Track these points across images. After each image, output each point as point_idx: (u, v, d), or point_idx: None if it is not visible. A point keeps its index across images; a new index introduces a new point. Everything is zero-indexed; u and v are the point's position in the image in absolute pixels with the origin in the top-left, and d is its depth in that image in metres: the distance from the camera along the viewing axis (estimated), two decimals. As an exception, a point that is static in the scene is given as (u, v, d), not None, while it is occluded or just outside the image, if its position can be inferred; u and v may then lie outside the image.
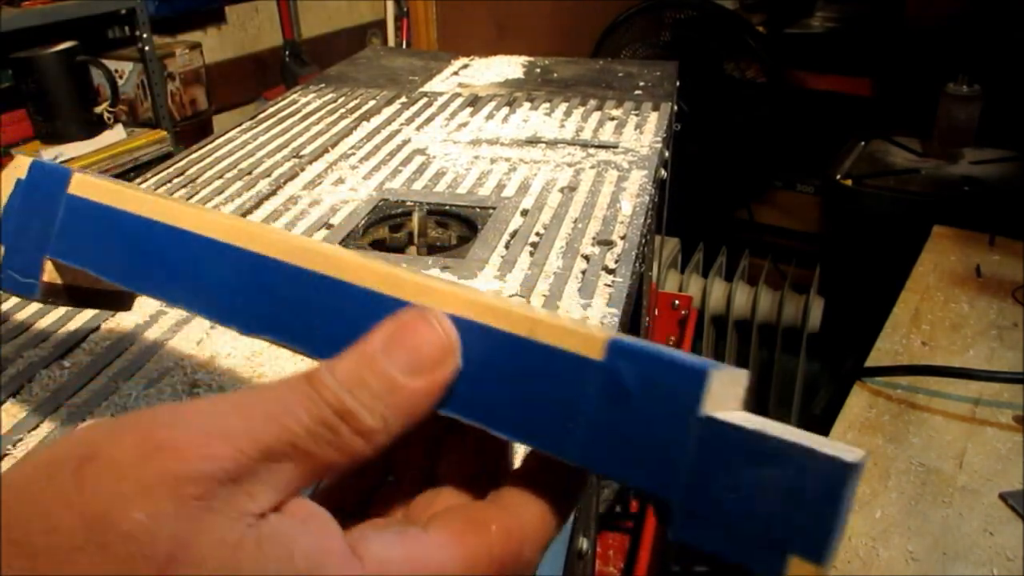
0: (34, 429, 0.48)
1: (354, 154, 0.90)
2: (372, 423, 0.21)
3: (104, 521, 0.18)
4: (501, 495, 0.23)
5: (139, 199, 0.31)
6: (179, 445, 0.19)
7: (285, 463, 0.20)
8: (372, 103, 1.07)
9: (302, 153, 0.91)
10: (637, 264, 0.67)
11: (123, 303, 0.38)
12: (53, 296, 0.34)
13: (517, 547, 0.22)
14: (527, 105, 1.05)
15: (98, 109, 1.76)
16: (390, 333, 0.23)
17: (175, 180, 0.85)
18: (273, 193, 0.81)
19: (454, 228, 0.77)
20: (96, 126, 1.73)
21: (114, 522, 0.18)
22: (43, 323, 0.59)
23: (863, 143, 2.01)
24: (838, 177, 1.87)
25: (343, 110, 1.05)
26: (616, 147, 0.90)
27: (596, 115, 1.01)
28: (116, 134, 1.75)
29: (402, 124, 0.99)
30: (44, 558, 0.18)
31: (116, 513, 0.18)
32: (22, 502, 0.19)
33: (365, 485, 0.27)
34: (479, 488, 0.25)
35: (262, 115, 1.04)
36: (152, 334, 0.58)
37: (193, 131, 2.05)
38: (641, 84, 1.14)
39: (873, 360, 1.04)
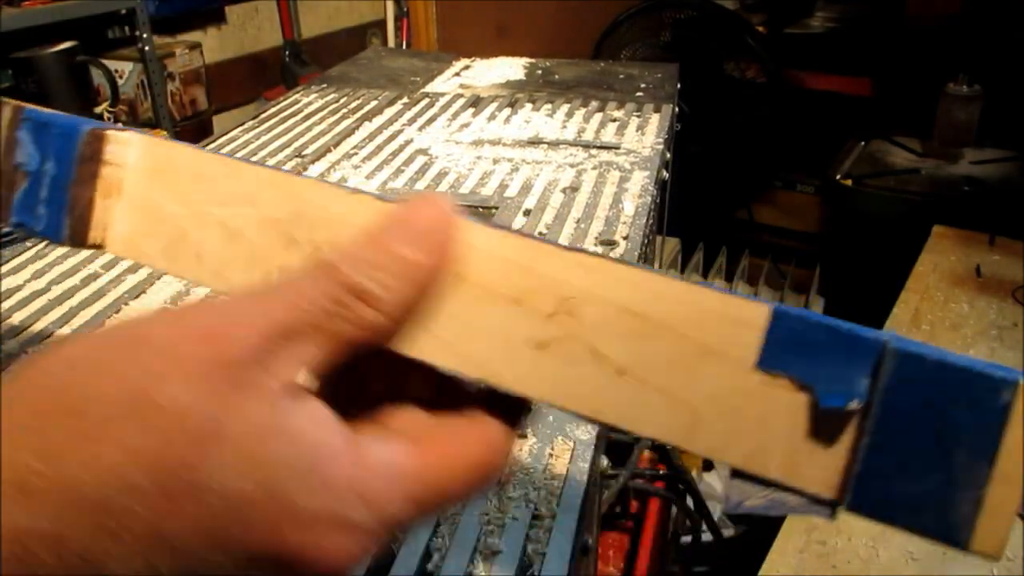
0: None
1: (356, 154, 0.90)
2: (382, 294, 0.23)
3: (144, 395, 0.20)
4: (470, 412, 0.26)
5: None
6: (208, 331, 0.22)
7: (304, 341, 0.22)
8: (374, 103, 1.08)
9: (304, 153, 0.91)
10: (639, 264, 0.67)
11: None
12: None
13: (496, 458, 0.25)
14: (529, 106, 1.05)
15: (98, 109, 1.76)
16: (394, 215, 0.25)
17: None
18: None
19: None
20: (96, 126, 1.74)
21: (152, 396, 0.20)
22: (46, 320, 0.59)
23: (863, 143, 2.02)
24: (838, 177, 1.88)
25: (345, 110, 1.05)
26: (618, 148, 0.90)
27: (598, 116, 1.01)
28: (116, 134, 1.75)
29: (404, 124, 1.00)
30: (90, 422, 0.20)
31: (154, 388, 0.20)
32: (79, 370, 0.21)
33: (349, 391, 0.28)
34: (445, 404, 0.27)
35: (264, 115, 1.04)
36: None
37: (193, 131, 2.05)
38: (642, 86, 1.14)
39: (874, 360, 1.04)
